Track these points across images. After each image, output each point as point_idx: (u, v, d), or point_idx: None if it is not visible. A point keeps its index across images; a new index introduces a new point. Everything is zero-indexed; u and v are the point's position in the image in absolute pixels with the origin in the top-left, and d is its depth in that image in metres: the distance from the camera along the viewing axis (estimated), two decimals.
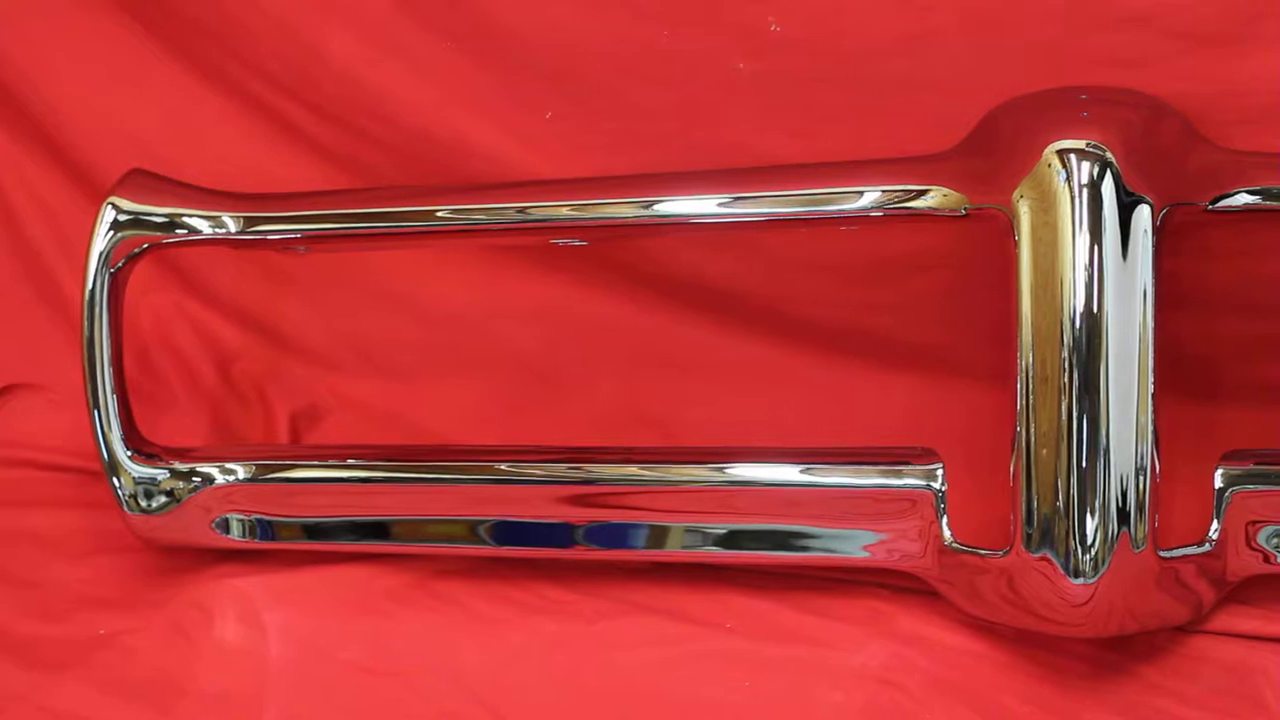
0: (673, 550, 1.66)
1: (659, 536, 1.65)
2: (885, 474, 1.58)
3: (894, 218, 1.55)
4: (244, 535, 1.72)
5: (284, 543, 1.73)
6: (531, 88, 1.77)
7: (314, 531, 1.72)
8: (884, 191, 1.54)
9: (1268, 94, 1.57)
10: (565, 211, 1.63)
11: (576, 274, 1.90)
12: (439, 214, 1.66)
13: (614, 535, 1.66)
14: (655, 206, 1.61)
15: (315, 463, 1.74)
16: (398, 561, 1.73)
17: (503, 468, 1.67)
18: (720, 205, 1.59)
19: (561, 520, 1.66)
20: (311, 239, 1.70)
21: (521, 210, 1.64)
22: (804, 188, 1.56)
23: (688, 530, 1.64)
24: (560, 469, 1.67)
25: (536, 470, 1.67)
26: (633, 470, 1.65)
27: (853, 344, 1.82)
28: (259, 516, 1.72)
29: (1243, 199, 1.50)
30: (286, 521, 1.72)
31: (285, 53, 1.85)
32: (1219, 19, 1.56)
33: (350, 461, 1.72)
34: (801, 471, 1.61)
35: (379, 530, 1.71)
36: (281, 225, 1.70)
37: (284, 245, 1.72)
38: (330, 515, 1.71)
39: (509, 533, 1.68)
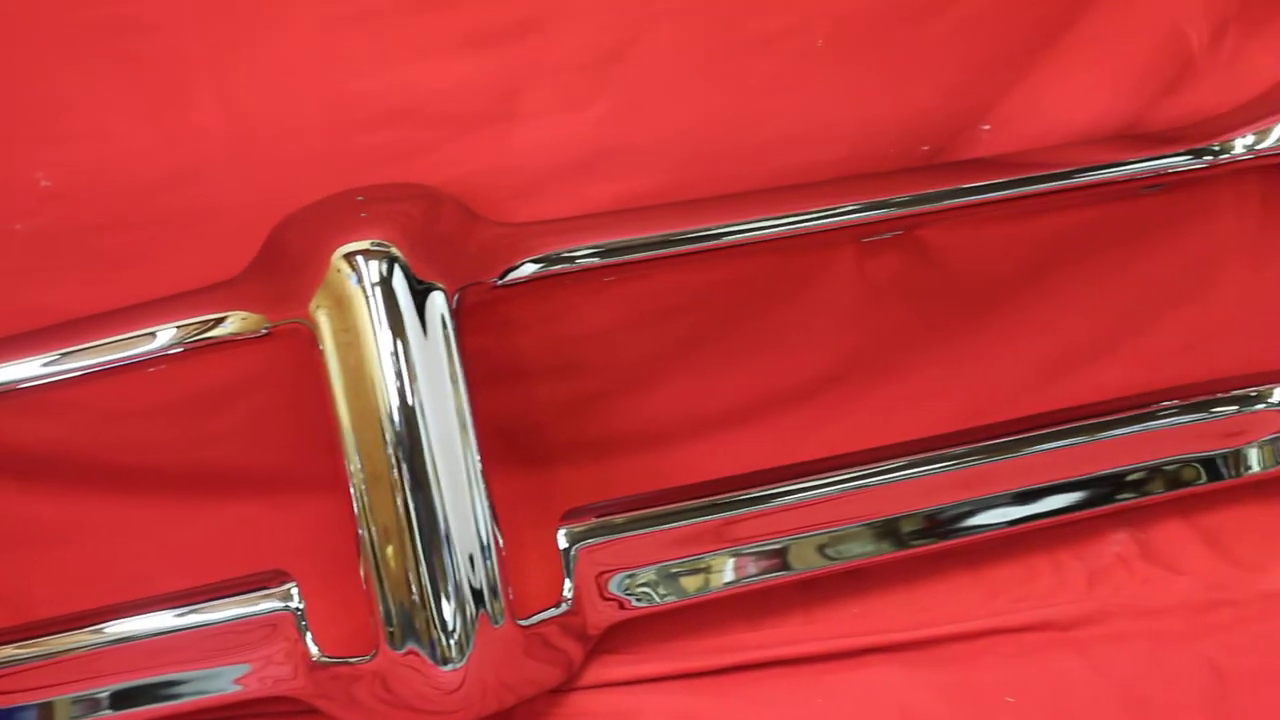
0: None
1: (45, 715, 1.61)
2: (242, 604, 1.60)
3: (198, 350, 1.56)
4: None
5: None
6: None
7: None
8: (179, 327, 1.56)
9: (535, 165, 1.70)
10: None
11: None
12: None
13: None
14: None
15: None
16: None
17: None
18: (44, 365, 1.57)
19: None
20: None
21: None
22: (98, 338, 1.56)
23: (73, 702, 1.61)
24: None
25: None
26: (4, 652, 1.60)
27: (192, 481, 1.82)
28: None
29: (529, 268, 1.61)
30: None
31: None
32: (477, 102, 1.68)
33: None
34: (177, 616, 1.60)
35: None
36: None
37: None
38: None
39: None
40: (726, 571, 1.70)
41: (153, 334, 1.56)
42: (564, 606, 1.63)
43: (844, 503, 1.73)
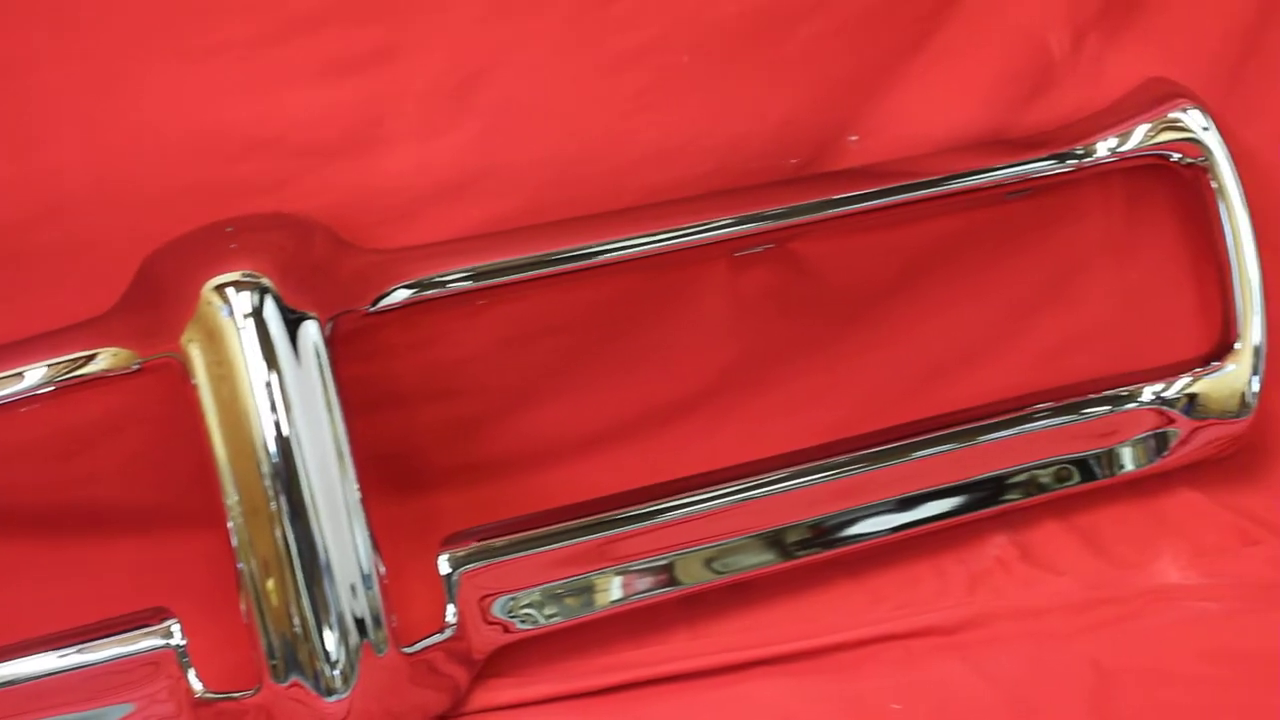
0: None
1: None
2: (121, 643, 1.59)
3: (68, 388, 1.55)
4: None
5: None
6: None
7: None
8: (49, 365, 1.55)
9: (403, 190, 1.71)
10: None
11: None
12: None
13: None
14: None
15: None
16: None
17: None
18: None
19: None
20: None
21: None
22: None
23: None
24: None
25: None
26: None
27: (66, 521, 1.80)
28: None
29: (401, 294, 1.62)
30: None
31: None
32: (341, 130, 1.69)
33: None
34: (58, 657, 1.59)
35: None
36: None
37: None
38: None
39: None
40: (611, 590, 1.72)
41: (20, 374, 1.54)
42: (448, 632, 1.63)
43: (725, 516, 1.75)
